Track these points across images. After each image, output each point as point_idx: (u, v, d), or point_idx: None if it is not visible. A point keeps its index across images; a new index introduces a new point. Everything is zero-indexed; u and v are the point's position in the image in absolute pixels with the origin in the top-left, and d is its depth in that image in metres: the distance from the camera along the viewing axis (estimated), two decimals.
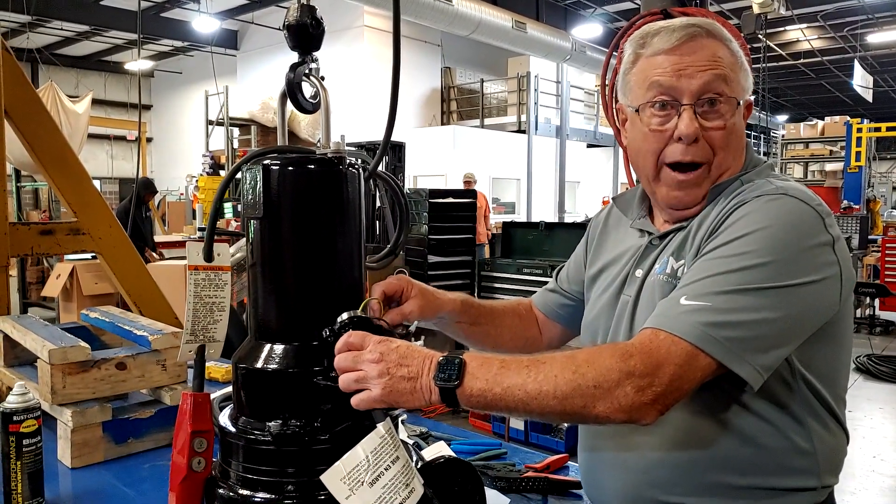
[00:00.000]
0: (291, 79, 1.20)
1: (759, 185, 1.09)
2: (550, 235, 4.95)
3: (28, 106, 2.47)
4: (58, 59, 18.12)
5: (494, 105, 17.00)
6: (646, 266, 1.20)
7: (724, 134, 1.12)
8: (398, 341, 1.04)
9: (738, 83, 1.13)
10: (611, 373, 0.94)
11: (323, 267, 1.13)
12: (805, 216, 1.02)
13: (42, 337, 1.62)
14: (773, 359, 0.98)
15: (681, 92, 1.11)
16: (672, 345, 0.95)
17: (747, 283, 0.97)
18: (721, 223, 1.06)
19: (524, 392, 0.96)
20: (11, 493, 1.31)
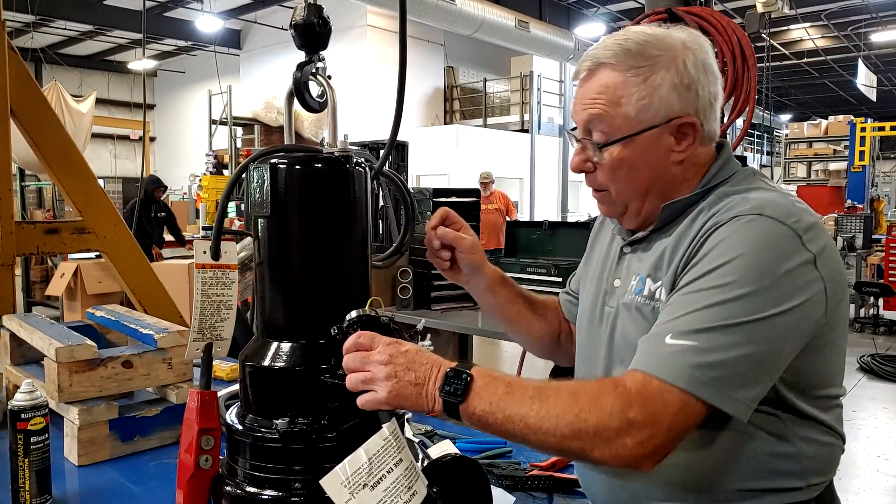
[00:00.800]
0: (299, 78, 1.20)
1: (735, 204, 1.06)
2: (554, 234, 4.93)
3: (33, 105, 2.48)
4: (62, 59, 18.14)
5: (497, 104, 16.99)
6: (622, 276, 1.21)
7: (602, 170, 1.14)
8: (408, 344, 1.04)
9: (623, 117, 1.10)
10: (612, 421, 0.94)
11: (330, 265, 1.14)
12: (781, 238, 1.00)
13: (49, 335, 1.63)
14: (760, 390, 0.99)
15: (577, 125, 1.16)
16: (666, 392, 0.95)
17: (730, 319, 0.96)
18: (698, 248, 1.04)
19: (524, 424, 0.97)
20: (19, 490, 1.31)
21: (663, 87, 1.09)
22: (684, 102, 1.10)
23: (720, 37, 3.32)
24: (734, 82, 3.33)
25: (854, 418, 5.25)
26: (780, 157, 16.91)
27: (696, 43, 1.13)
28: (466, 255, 1.33)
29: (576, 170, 1.18)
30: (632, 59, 1.10)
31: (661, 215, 1.14)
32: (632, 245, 1.21)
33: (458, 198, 4.50)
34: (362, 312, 1.08)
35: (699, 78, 1.10)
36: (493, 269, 1.40)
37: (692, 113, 1.10)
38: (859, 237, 9.30)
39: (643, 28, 1.14)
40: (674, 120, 1.10)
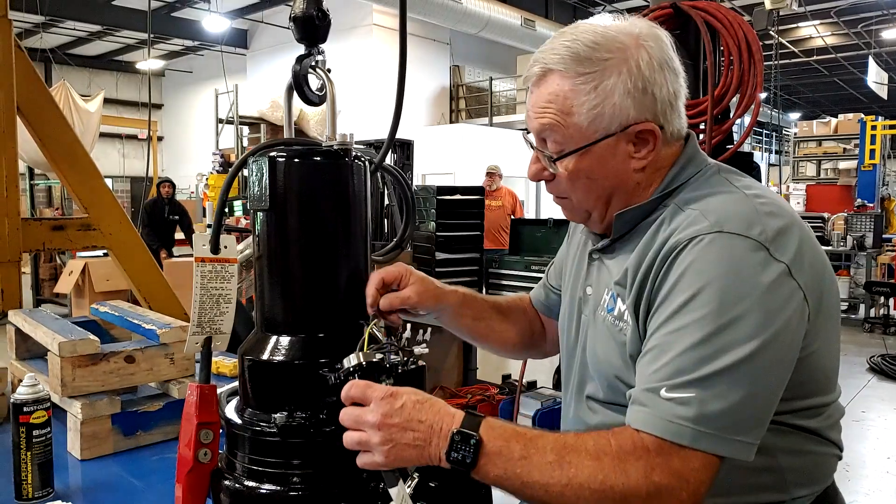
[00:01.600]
0: (298, 71, 1.20)
1: (694, 220, 0.99)
2: (559, 232, 4.92)
3: (40, 104, 2.50)
4: (70, 59, 18.25)
5: (503, 103, 16.96)
6: (593, 283, 1.18)
7: (559, 179, 1.10)
8: (403, 398, 0.96)
9: (575, 127, 1.05)
10: (639, 488, 0.89)
11: (328, 258, 1.14)
12: (747, 253, 0.94)
13: (52, 330, 1.64)
14: (765, 424, 0.95)
15: (531, 131, 1.12)
16: (680, 452, 0.90)
17: (719, 361, 0.91)
18: (661, 276, 0.99)
19: (545, 492, 0.92)
20: (21, 483, 1.32)
21: (615, 94, 1.03)
22: (640, 108, 1.04)
23: (726, 32, 3.30)
24: (740, 79, 3.31)
25: (863, 419, 5.21)
26: (788, 156, 16.79)
27: (653, 37, 1.06)
28: (421, 307, 1.26)
29: (533, 179, 1.14)
30: (580, 65, 1.03)
31: (616, 224, 1.11)
32: (600, 252, 1.17)
33: (463, 195, 4.50)
34: (358, 361, 1.02)
35: (654, 78, 1.04)
36: (454, 293, 1.33)
37: (650, 118, 1.04)
38: (869, 236, 9.24)
39: (594, 25, 1.07)
40: (630, 127, 1.04)
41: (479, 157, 14.03)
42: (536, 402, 4.27)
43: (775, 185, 16.30)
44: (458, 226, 4.48)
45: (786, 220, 1.00)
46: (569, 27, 1.09)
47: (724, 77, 3.33)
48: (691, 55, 3.23)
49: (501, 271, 4.80)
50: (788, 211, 1.03)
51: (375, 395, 0.96)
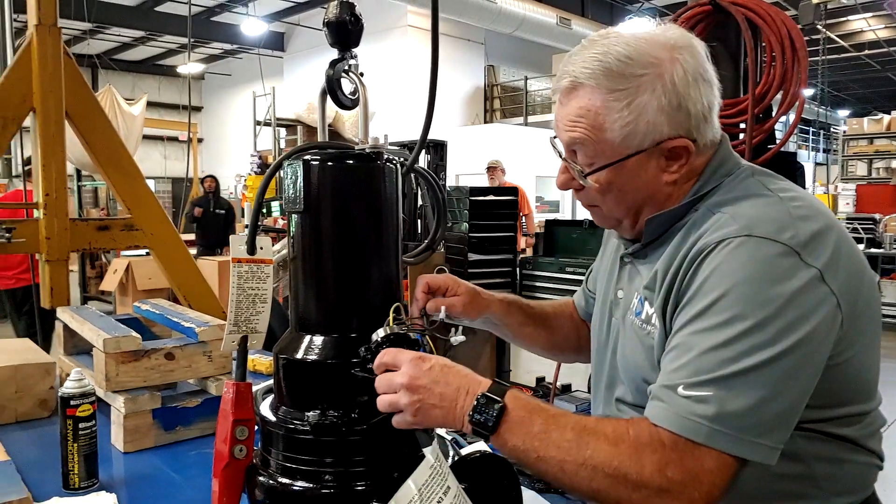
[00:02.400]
0: (331, 75, 1.23)
1: (723, 223, 0.98)
2: (594, 234, 4.89)
3: (86, 108, 2.58)
4: (116, 64, 18.73)
5: (538, 103, 16.89)
6: (624, 286, 1.18)
7: (588, 190, 1.10)
8: (431, 360, 1.00)
9: (606, 143, 1.04)
10: (652, 480, 0.90)
11: (361, 260, 1.16)
12: (776, 258, 0.93)
13: (97, 327, 1.70)
14: (786, 428, 0.93)
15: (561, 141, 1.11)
16: (696, 450, 0.90)
17: (740, 363, 0.90)
18: (688, 279, 0.98)
19: (559, 469, 0.93)
20: (69, 473, 1.38)
21: (649, 111, 1.01)
22: (674, 124, 1.03)
23: (769, 28, 3.24)
24: (782, 76, 3.25)
25: None
26: (836, 155, 16.33)
27: (687, 48, 1.04)
28: (465, 316, 1.28)
29: (561, 188, 1.14)
30: (613, 81, 1.02)
31: (647, 229, 1.10)
32: (631, 255, 1.17)
33: (496, 196, 4.50)
34: (388, 331, 1.06)
35: (689, 94, 1.02)
36: (499, 300, 1.35)
37: (683, 133, 1.03)
38: None
39: (625, 36, 1.05)
40: (663, 143, 1.03)
41: (514, 157, 13.99)
42: (571, 406, 4.26)
43: (822, 185, 15.90)
44: (491, 227, 4.48)
45: (821, 223, 0.98)
46: (598, 35, 1.08)
47: (766, 74, 3.27)
48: (731, 52, 3.18)
49: (535, 273, 4.79)
50: (825, 214, 1.01)
51: (405, 357, 1.01)
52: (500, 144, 14.60)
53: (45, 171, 2.41)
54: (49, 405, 1.80)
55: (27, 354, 1.87)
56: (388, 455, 1.09)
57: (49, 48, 2.39)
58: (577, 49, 1.08)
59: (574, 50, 1.08)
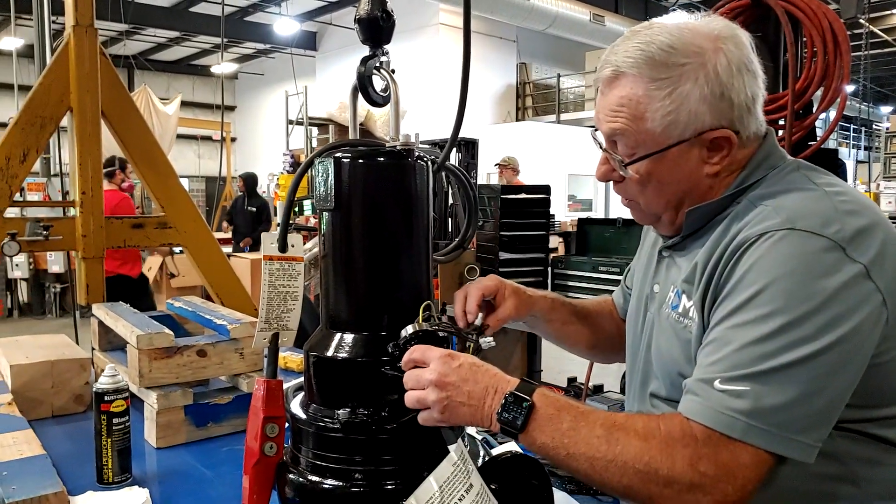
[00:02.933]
0: (362, 72, 1.22)
1: (765, 216, 0.96)
2: (628, 233, 4.82)
3: (122, 107, 2.62)
4: (151, 65, 19.06)
5: (571, 100, 16.78)
6: (661, 280, 1.16)
7: (628, 182, 1.09)
8: (461, 358, 1.00)
9: (647, 133, 1.02)
10: (684, 475, 0.88)
11: (391, 258, 1.15)
12: (820, 253, 0.91)
13: (131, 323, 1.72)
14: (825, 426, 0.91)
15: (601, 132, 1.10)
16: (730, 444, 0.89)
17: (779, 358, 0.88)
18: (728, 272, 0.96)
19: (589, 466, 0.92)
20: (103, 468, 1.39)
21: (691, 100, 1.00)
22: (716, 114, 1.01)
23: (809, 21, 3.16)
24: (824, 71, 3.16)
25: None
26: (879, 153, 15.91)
27: (732, 38, 1.02)
28: (515, 318, 1.27)
29: (601, 179, 1.14)
30: (655, 70, 1.00)
31: (687, 221, 1.08)
32: (669, 249, 1.15)
33: (528, 194, 4.47)
34: (417, 328, 1.06)
35: (732, 84, 1.00)
36: (543, 299, 1.34)
37: (726, 124, 1.02)
38: None
39: (668, 26, 1.03)
40: (705, 133, 1.01)
41: (546, 155, 13.92)
42: (603, 406, 4.21)
43: (863, 183, 15.52)
44: (522, 225, 4.45)
45: (868, 219, 0.95)
46: (641, 27, 1.07)
47: (807, 69, 3.19)
48: (771, 47, 3.10)
49: (567, 272, 4.74)
50: (872, 210, 0.98)
51: (434, 354, 1.00)
52: (532, 142, 14.53)
53: (82, 169, 2.45)
54: (84, 400, 1.83)
55: (63, 350, 1.90)
56: (419, 454, 1.08)
57: (86, 48, 2.42)
58: (620, 40, 1.07)
59: (617, 41, 1.07)
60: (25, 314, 9.21)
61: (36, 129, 2.38)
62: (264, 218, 9.52)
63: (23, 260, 8.49)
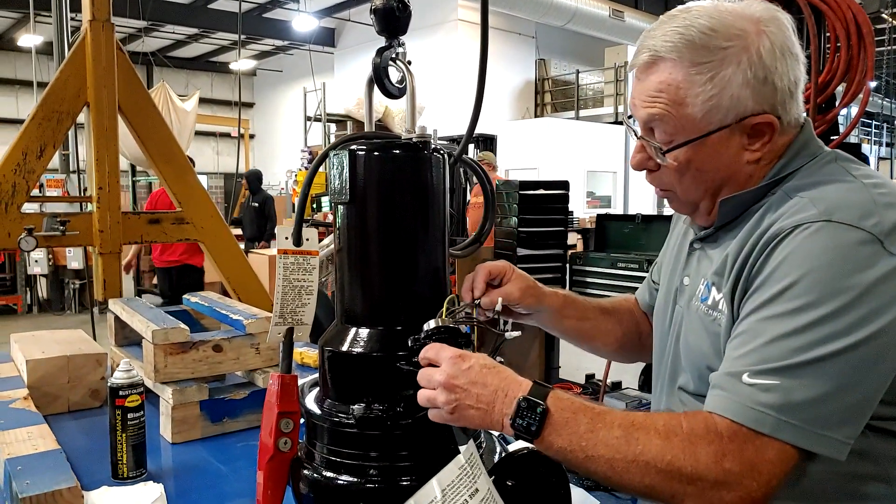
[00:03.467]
0: (378, 63, 1.20)
1: (801, 208, 0.94)
2: (647, 229, 4.77)
3: (139, 104, 2.62)
4: (170, 61, 19.22)
5: (590, 96, 16.69)
6: (691, 273, 1.13)
7: (665, 171, 1.05)
8: (471, 360, 0.98)
9: (688, 118, 0.99)
10: (708, 472, 0.86)
11: (406, 252, 1.13)
12: (856, 245, 0.88)
13: (147, 318, 1.71)
14: (857, 423, 0.88)
15: (637, 120, 1.06)
16: (756, 440, 0.86)
17: (811, 352, 0.86)
18: (760, 264, 0.94)
19: (609, 467, 0.90)
20: (118, 462, 1.39)
21: (734, 84, 0.97)
22: (759, 99, 0.98)
23: (833, 14, 3.10)
24: (847, 65, 3.10)
25: None
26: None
27: (773, 21, 1.00)
28: (522, 304, 1.25)
29: (637, 168, 1.10)
30: (696, 54, 0.98)
31: (721, 211, 1.06)
32: (701, 241, 1.12)
33: (546, 190, 4.44)
34: (437, 324, 1.04)
35: (776, 67, 0.97)
36: (555, 294, 1.31)
37: (768, 109, 0.99)
38: None
39: (708, 9, 1.00)
40: (747, 119, 0.99)
41: (564, 152, 13.86)
42: (621, 404, 4.17)
43: None
44: (540, 221, 4.41)
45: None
46: (678, 10, 1.03)
47: (830, 63, 3.13)
48: None
49: (586, 268, 4.70)
50: None
51: (445, 355, 0.99)
52: (551, 139, 14.47)
53: (99, 165, 2.46)
54: (100, 395, 1.83)
55: (79, 345, 1.90)
56: (434, 449, 1.06)
57: (103, 43, 2.43)
58: (656, 24, 1.04)
59: (653, 25, 1.05)
60: (45, 310, 9.33)
61: (53, 124, 2.39)
62: (267, 213, 9.49)
63: (42, 256, 8.59)
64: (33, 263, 8.78)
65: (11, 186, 2.34)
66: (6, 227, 2.33)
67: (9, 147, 2.38)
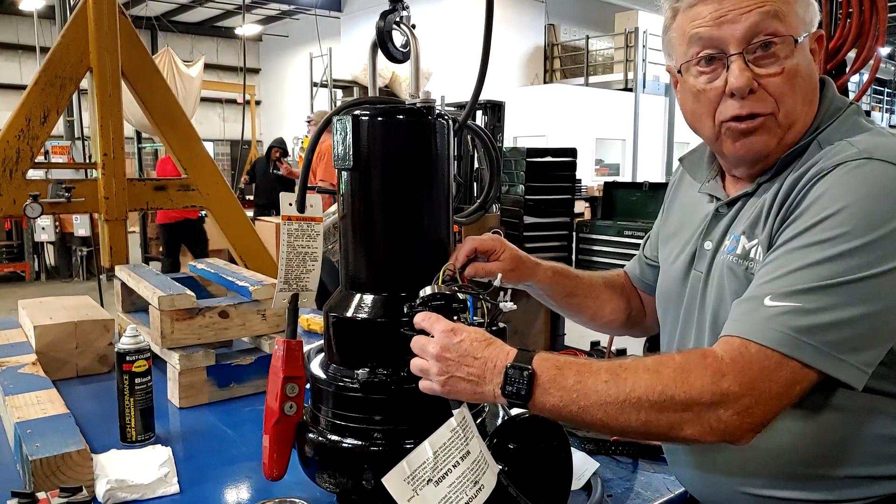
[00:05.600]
0: (382, 27, 1.18)
1: (840, 149, 0.94)
2: (655, 196, 4.73)
3: (143, 68, 2.60)
4: (174, 26, 19.00)
5: (600, 62, 16.45)
6: (715, 238, 1.10)
7: (783, 79, 0.99)
8: (462, 334, 0.97)
9: (796, 15, 0.99)
10: (702, 395, 0.86)
11: (410, 218, 1.13)
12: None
13: (153, 285, 1.72)
14: (877, 354, 0.88)
15: (726, 41, 0.99)
16: (766, 359, 0.85)
17: (838, 276, 0.85)
18: (798, 200, 0.94)
19: (603, 413, 0.89)
20: (126, 426, 1.41)
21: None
22: (815, 14, 1.02)
23: None
24: (859, 30, 3.03)
25: None
26: None
27: None
28: (510, 278, 1.23)
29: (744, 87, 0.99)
30: None
31: (780, 165, 1.03)
32: (730, 204, 1.10)
33: (554, 157, 4.40)
34: (433, 291, 1.04)
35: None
36: (545, 271, 1.30)
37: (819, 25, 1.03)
38: None
39: None
40: (818, 29, 1.02)
41: (573, 119, 13.73)
42: None
43: None
44: (547, 189, 4.38)
45: None
46: None
47: (841, 28, 3.06)
48: None
49: (592, 236, 4.68)
50: None
51: (438, 327, 0.99)
52: (560, 105, 14.32)
53: (103, 131, 2.45)
54: (108, 361, 1.85)
55: (87, 311, 1.91)
56: (437, 413, 1.07)
57: (104, 7, 2.40)
58: None
59: None
60: (52, 277, 9.40)
61: (56, 89, 2.38)
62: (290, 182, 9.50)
63: (49, 223, 8.62)
64: (40, 231, 8.81)
65: (15, 153, 2.34)
66: (11, 194, 2.34)
67: (12, 113, 2.37)
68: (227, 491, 1.27)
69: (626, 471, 1.35)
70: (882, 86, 20.87)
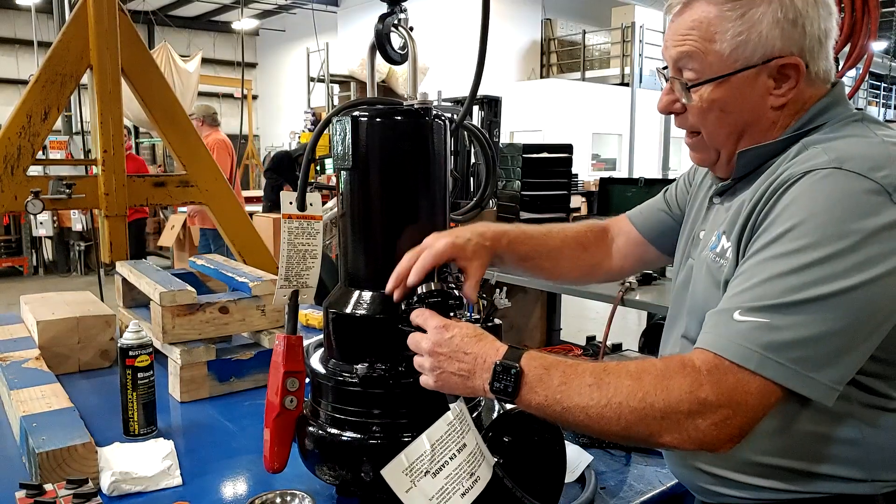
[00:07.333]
0: (380, 30, 1.21)
1: (812, 156, 0.95)
2: (650, 192, 4.75)
3: (142, 65, 2.62)
4: (171, 21, 18.94)
5: (596, 57, 16.46)
6: (707, 227, 1.15)
7: (694, 112, 1.05)
8: (453, 330, 0.99)
9: (717, 55, 1.00)
10: (681, 403, 0.86)
11: (408, 216, 1.15)
12: (862, 193, 0.88)
13: (154, 281, 1.74)
14: (845, 369, 0.89)
15: (667, 63, 1.08)
16: (738, 372, 0.86)
17: (805, 291, 0.86)
18: (768, 209, 0.94)
19: (585, 416, 0.91)
20: (129, 420, 1.43)
21: (763, 23, 0.98)
22: (787, 40, 0.99)
23: None
24: (851, 27, 3.06)
25: None
26: None
27: None
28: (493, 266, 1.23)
29: (663, 110, 1.12)
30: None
31: (739, 163, 1.06)
32: (720, 195, 1.13)
33: (550, 153, 4.42)
34: (429, 287, 1.06)
35: (807, 12, 0.98)
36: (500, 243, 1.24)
37: (796, 52, 0.99)
38: None
39: None
40: (773, 60, 0.99)
41: (570, 114, 13.74)
42: None
43: None
44: (544, 185, 4.41)
45: None
46: None
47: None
48: None
49: None
50: None
51: (431, 323, 1.01)
52: (557, 100, 14.33)
53: (103, 127, 2.47)
54: (110, 356, 1.87)
55: (88, 306, 1.93)
56: (434, 407, 1.10)
57: (104, 5, 2.42)
58: None
59: None
60: (51, 272, 9.40)
61: (56, 86, 2.39)
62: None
63: (47, 218, 8.63)
64: (38, 225, 8.82)
65: (17, 149, 2.35)
66: (13, 190, 2.36)
67: (13, 109, 2.38)
68: (228, 483, 1.30)
69: (619, 464, 1.38)
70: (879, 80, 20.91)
